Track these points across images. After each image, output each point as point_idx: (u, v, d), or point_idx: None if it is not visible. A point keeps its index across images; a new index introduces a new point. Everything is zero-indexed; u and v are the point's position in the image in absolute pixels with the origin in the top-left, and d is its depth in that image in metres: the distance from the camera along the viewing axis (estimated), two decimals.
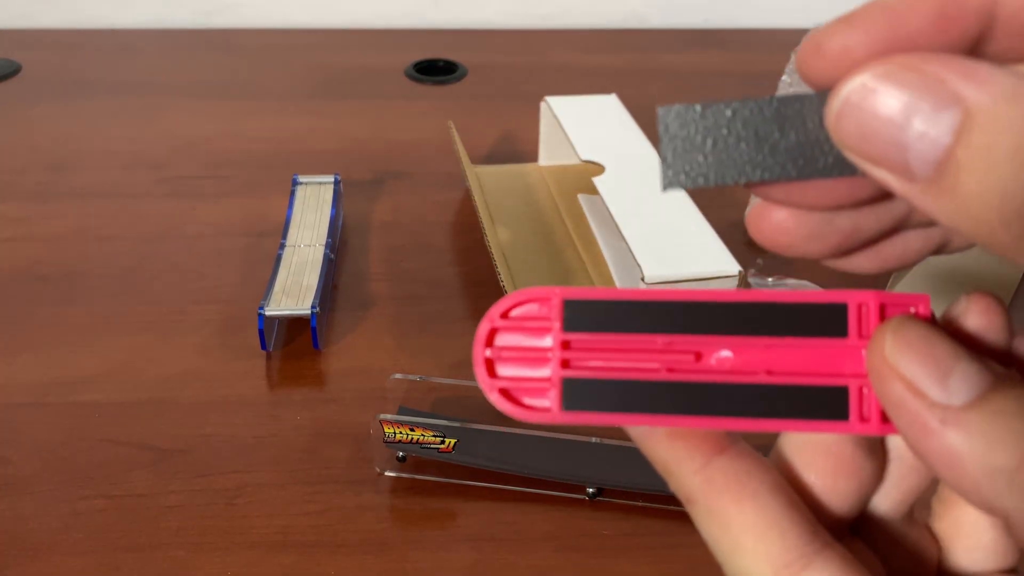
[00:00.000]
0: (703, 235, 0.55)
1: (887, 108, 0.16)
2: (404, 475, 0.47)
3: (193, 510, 0.45)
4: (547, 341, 0.20)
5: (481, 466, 0.46)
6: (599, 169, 0.62)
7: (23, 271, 0.61)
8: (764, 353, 0.19)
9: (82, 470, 0.46)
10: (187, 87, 0.87)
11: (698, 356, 0.19)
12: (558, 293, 0.19)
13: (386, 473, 0.47)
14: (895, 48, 0.16)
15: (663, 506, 0.45)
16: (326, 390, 0.52)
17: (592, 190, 0.60)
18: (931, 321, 0.18)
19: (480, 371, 0.20)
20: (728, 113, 0.18)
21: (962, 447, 0.16)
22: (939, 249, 0.20)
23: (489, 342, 0.20)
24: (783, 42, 0.84)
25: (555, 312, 0.19)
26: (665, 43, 1.01)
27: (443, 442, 0.45)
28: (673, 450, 0.19)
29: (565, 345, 0.19)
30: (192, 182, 0.71)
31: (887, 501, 0.21)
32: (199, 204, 0.68)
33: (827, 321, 0.19)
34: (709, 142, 0.18)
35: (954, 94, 0.15)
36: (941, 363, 0.17)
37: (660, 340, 0.19)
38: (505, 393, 0.20)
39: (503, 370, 0.20)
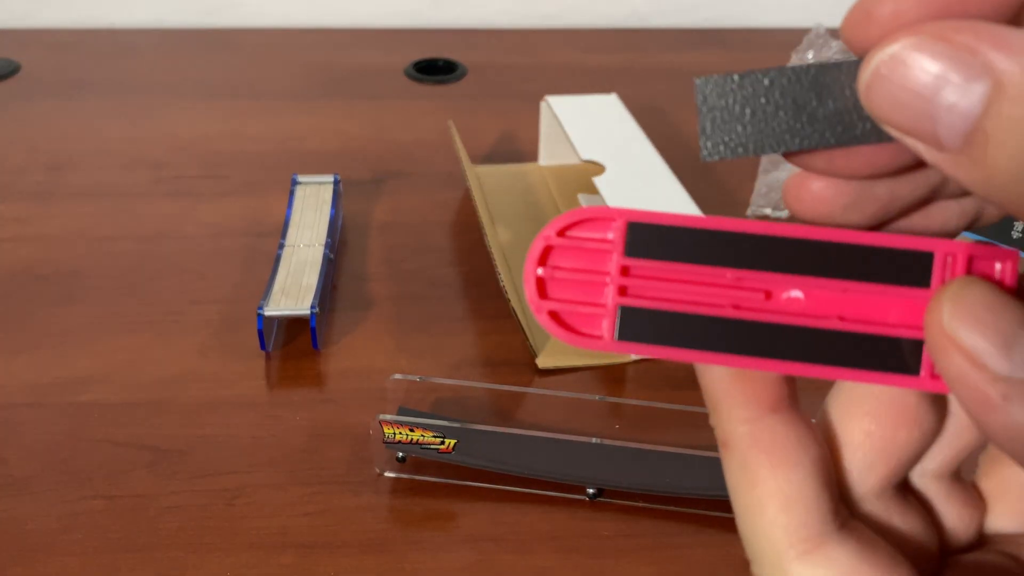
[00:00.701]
0: None
1: (917, 80, 0.16)
2: (404, 476, 0.46)
3: (192, 511, 0.44)
4: (606, 265, 0.18)
5: (481, 467, 0.46)
6: (599, 169, 0.62)
7: (22, 271, 0.61)
8: (838, 297, 0.18)
9: (81, 470, 0.46)
10: (186, 87, 0.87)
11: (768, 295, 0.18)
12: (623, 214, 0.18)
13: (386, 474, 0.47)
14: (946, 11, 0.16)
15: (663, 507, 0.45)
16: (325, 390, 0.52)
17: (592, 190, 0.60)
18: (1008, 282, 0.17)
19: (531, 290, 0.18)
20: (766, 82, 0.18)
21: None
22: (973, 222, 0.20)
23: (543, 260, 0.18)
24: (783, 41, 0.84)
25: (618, 234, 0.18)
26: (665, 42, 1.01)
27: (443, 443, 0.45)
28: (729, 393, 0.19)
29: (625, 271, 0.18)
30: (191, 182, 0.71)
31: (940, 456, 0.20)
32: (198, 204, 0.68)
33: (910, 269, 0.18)
34: (747, 112, 0.18)
35: (985, 64, 0.15)
36: (1006, 331, 0.16)
37: (729, 274, 0.18)
38: (555, 316, 0.18)
39: (555, 291, 0.18)
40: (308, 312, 0.53)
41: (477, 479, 0.46)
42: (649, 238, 0.18)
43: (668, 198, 0.59)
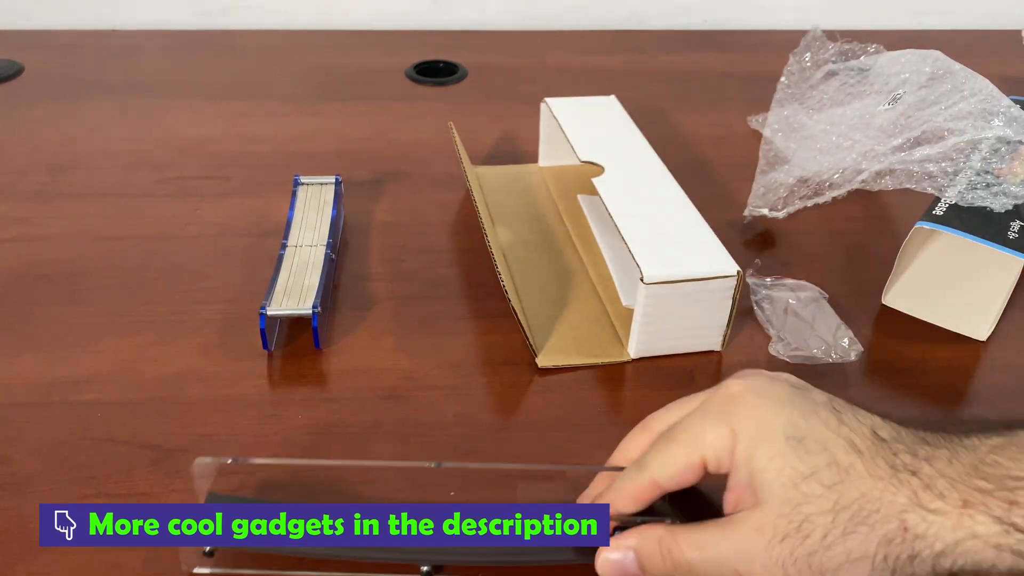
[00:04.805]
0: (702, 236, 0.56)
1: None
2: (216, 571, 0.41)
3: None
4: None
5: (287, 551, 0.38)
6: (598, 170, 0.62)
7: (25, 271, 0.61)
8: None
9: (84, 469, 0.47)
10: (189, 88, 0.87)
11: None
12: None
13: (195, 570, 0.41)
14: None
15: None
16: (327, 390, 0.52)
17: (592, 190, 0.60)
18: None
19: None
20: None
21: None
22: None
23: None
24: (781, 43, 0.85)
25: None
26: (664, 44, 1.01)
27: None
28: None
29: None
30: (194, 182, 0.72)
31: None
32: (201, 204, 0.69)
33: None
34: None
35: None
36: None
37: None
38: None
39: None
40: (310, 312, 0.53)
41: (299, 568, 0.40)
42: None
43: (666, 200, 0.59)
